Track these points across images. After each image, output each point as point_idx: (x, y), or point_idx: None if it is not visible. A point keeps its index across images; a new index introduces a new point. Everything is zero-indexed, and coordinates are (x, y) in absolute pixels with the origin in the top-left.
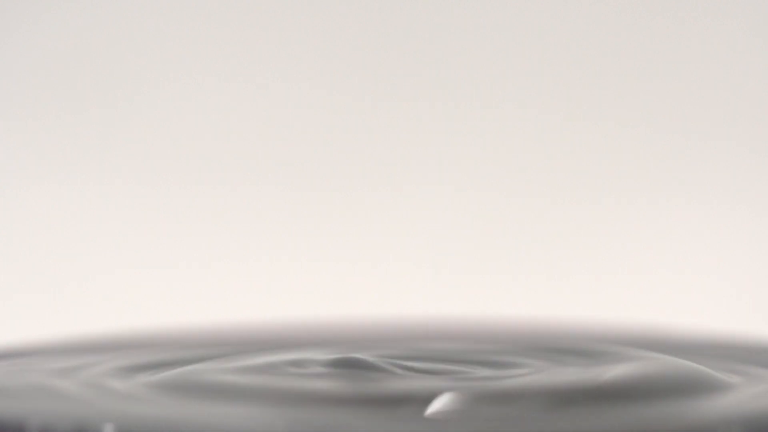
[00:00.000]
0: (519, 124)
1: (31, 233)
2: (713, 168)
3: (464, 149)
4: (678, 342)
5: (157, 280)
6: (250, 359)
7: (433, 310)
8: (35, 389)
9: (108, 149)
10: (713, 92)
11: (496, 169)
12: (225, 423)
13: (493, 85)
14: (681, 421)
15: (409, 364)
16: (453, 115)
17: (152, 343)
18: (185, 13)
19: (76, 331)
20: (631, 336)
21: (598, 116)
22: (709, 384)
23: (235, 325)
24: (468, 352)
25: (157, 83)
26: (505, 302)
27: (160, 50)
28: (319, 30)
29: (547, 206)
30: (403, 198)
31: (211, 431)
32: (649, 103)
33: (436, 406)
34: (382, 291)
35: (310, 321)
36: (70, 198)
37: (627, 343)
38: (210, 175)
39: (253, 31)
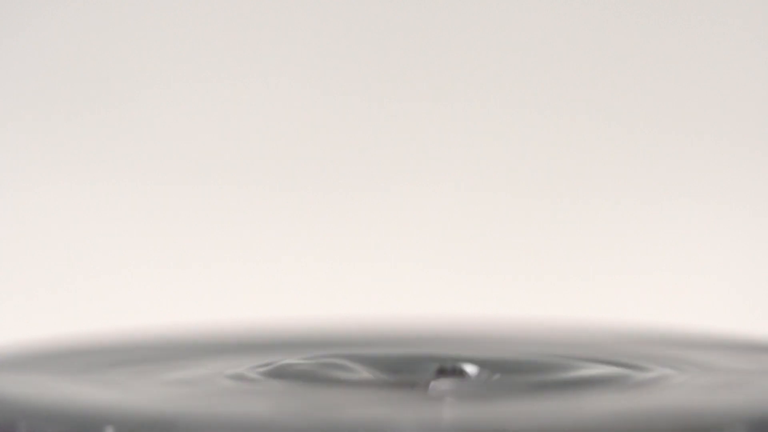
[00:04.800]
0: (519, 124)
1: (31, 233)
2: (713, 168)
3: (464, 149)
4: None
5: (155, 279)
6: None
7: (433, 310)
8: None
9: (107, 149)
10: (713, 92)
11: (496, 170)
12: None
13: (494, 85)
14: (682, 419)
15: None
16: (454, 115)
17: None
18: (184, 13)
19: (77, 332)
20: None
21: (599, 117)
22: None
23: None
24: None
25: (157, 83)
26: (504, 302)
27: (159, 51)
28: (318, 30)
29: (546, 206)
30: (402, 198)
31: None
32: (651, 103)
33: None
34: (381, 291)
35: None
36: (70, 198)
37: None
38: (210, 175)
39: (252, 32)
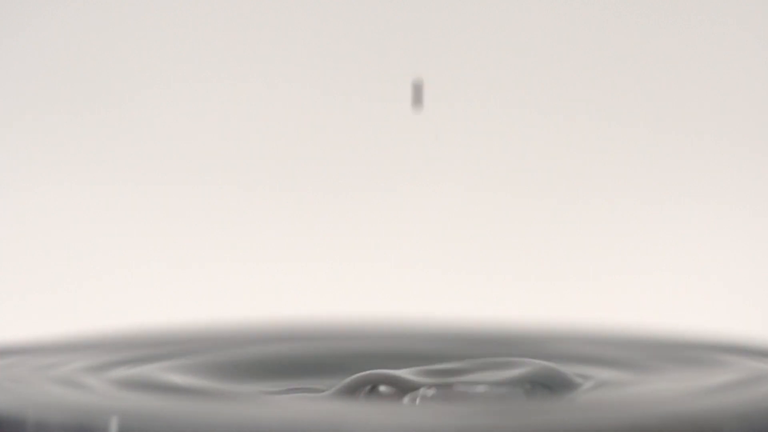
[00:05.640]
0: (519, 124)
1: (31, 233)
2: (713, 168)
3: (464, 149)
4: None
5: (156, 279)
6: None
7: (434, 310)
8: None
9: (107, 149)
10: (713, 92)
11: (496, 170)
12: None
13: (494, 85)
14: (682, 420)
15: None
16: (454, 115)
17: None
18: (184, 13)
19: (77, 329)
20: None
21: (599, 117)
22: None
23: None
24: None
25: (157, 83)
26: (504, 302)
27: (159, 51)
28: (318, 30)
29: (546, 206)
30: (402, 198)
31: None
32: (651, 104)
33: None
34: (381, 291)
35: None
36: (70, 198)
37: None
38: (210, 175)
39: (252, 32)
